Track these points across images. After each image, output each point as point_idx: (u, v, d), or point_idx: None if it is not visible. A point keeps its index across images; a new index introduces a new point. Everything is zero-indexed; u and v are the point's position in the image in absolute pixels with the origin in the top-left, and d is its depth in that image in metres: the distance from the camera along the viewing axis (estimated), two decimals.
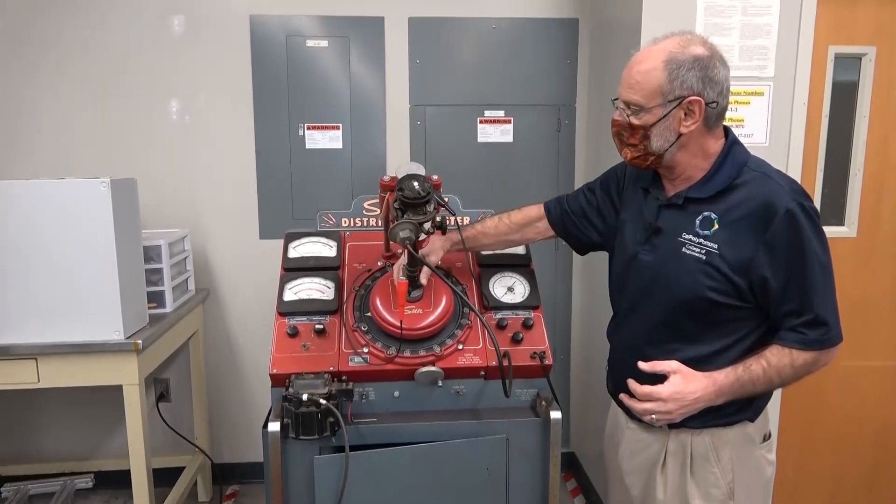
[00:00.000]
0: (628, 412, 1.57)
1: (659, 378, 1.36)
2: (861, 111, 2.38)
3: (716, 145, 1.40)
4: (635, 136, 1.37)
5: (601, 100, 2.72)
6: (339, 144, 2.82)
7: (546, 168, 2.91)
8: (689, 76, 1.30)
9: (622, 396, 1.42)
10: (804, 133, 2.29)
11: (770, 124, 2.26)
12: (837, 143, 2.40)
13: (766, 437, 1.51)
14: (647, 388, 1.35)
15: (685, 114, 1.33)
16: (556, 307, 3.00)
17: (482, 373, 1.62)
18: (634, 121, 1.36)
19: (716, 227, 1.36)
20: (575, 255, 2.85)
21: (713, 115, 1.35)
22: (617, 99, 1.41)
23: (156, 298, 2.38)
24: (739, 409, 1.42)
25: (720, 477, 1.45)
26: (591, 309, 2.90)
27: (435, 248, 1.71)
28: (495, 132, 2.87)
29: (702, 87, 1.31)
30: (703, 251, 1.36)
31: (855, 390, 2.50)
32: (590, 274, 2.90)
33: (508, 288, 1.78)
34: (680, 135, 1.35)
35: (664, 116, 1.33)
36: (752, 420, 1.46)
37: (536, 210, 1.75)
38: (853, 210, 2.42)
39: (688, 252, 1.38)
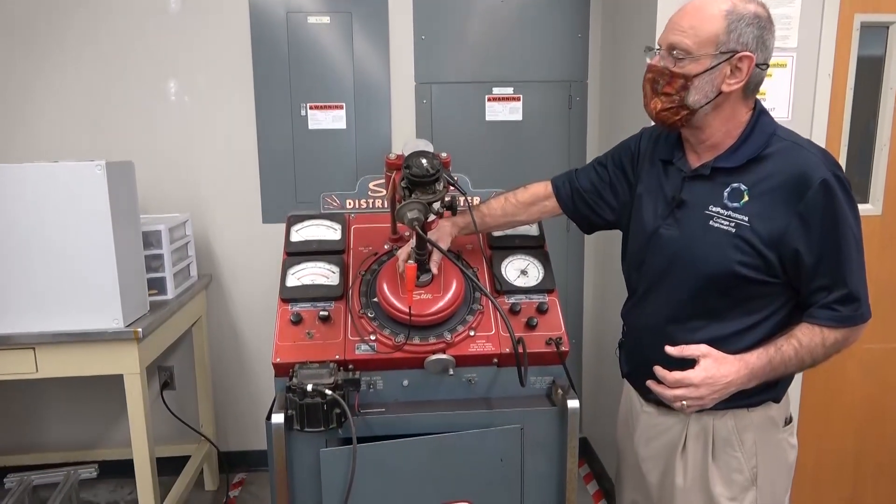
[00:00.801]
0: (644, 395, 1.50)
1: (685, 363, 1.29)
2: (888, 83, 2.27)
3: (746, 115, 1.33)
4: (672, 86, 1.29)
5: (614, 76, 2.62)
6: (342, 124, 2.73)
7: (557, 147, 2.82)
8: (747, 31, 1.24)
9: (650, 384, 1.34)
10: (829, 106, 2.19)
11: (793, 97, 2.17)
12: (863, 116, 2.30)
13: (788, 421, 1.46)
14: (677, 375, 1.28)
15: (731, 70, 1.26)
16: (568, 290, 2.92)
17: (495, 360, 1.55)
18: (676, 68, 1.28)
19: (746, 198, 1.29)
20: (588, 236, 2.78)
21: (755, 80, 1.29)
22: (653, 49, 1.32)
23: (157, 285, 2.32)
24: (764, 388, 1.36)
25: (744, 462, 1.40)
26: (604, 291, 2.83)
27: (443, 234, 1.63)
28: (504, 110, 2.77)
29: (755, 46, 1.25)
30: (733, 224, 1.29)
31: (878, 374, 2.42)
32: (602, 256, 2.82)
33: (521, 271, 1.70)
34: (720, 93, 1.27)
35: (711, 69, 1.25)
36: (776, 401, 1.41)
37: (544, 188, 1.67)
38: (878, 187, 2.33)
39: (715, 225, 1.31)
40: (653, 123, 1.41)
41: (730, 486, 1.40)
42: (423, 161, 1.35)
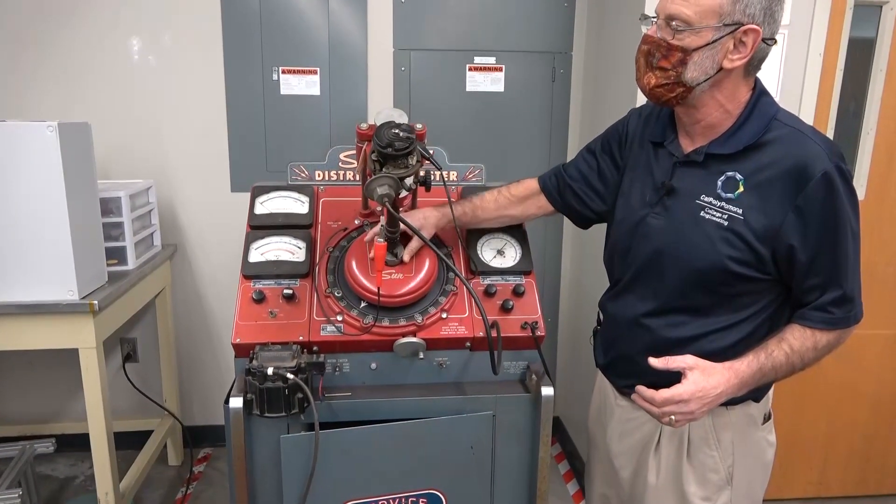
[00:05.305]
0: (618, 388, 1.45)
1: (668, 372, 1.20)
2: (878, 65, 2.22)
3: (746, 94, 1.23)
4: (669, 60, 1.18)
5: (600, 48, 2.53)
6: (316, 91, 2.61)
7: (539, 120, 2.73)
8: (754, 1, 1.13)
9: (635, 398, 1.24)
10: (818, 87, 2.13)
11: (782, 76, 2.10)
12: (850, 99, 2.25)
13: (767, 418, 1.40)
14: (665, 393, 1.17)
15: (735, 45, 1.16)
16: (546, 271, 2.86)
17: (468, 344, 1.48)
18: (674, 41, 1.17)
19: (741, 189, 1.21)
20: (566, 218, 2.73)
21: (759, 56, 1.19)
22: (648, 17, 1.22)
23: (117, 254, 2.21)
24: None
25: (719, 461, 1.34)
26: (581, 273, 2.77)
27: (428, 225, 1.53)
28: (485, 81, 2.67)
29: (763, 18, 1.14)
30: (725, 216, 1.21)
31: (852, 359, 2.41)
32: (581, 238, 2.75)
33: (498, 251, 1.62)
34: (721, 69, 1.17)
35: (712, 42, 1.15)
36: (756, 400, 1.35)
37: (536, 183, 1.59)
38: (863, 171, 2.29)
39: (707, 217, 1.23)
40: (640, 103, 1.32)
41: (704, 486, 1.35)
42: (395, 132, 1.26)
